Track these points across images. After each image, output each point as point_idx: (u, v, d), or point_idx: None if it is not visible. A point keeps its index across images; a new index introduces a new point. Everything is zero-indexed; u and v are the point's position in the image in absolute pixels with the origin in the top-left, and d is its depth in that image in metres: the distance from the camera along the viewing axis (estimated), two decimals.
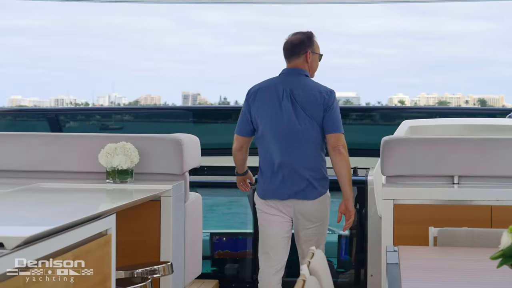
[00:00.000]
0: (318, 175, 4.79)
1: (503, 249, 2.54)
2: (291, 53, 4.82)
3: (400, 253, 3.71)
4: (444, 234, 4.06)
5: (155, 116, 9.61)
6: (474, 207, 4.84)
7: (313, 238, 4.85)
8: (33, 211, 3.97)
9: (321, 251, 3.37)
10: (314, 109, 4.71)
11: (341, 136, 4.74)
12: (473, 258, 3.66)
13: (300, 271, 2.87)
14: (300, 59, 4.82)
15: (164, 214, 4.94)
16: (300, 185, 4.77)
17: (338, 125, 4.73)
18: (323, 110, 4.71)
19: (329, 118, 4.71)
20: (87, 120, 9.08)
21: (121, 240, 4.61)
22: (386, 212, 4.88)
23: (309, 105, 4.71)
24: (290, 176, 4.76)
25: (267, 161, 4.84)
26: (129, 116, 9.52)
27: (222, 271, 6.74)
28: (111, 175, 5.04)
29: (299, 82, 4.78)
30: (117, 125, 9.32)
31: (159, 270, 4.43)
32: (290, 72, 4.83)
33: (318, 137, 4.75)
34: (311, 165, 4.77)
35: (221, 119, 8.91)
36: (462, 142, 5.14)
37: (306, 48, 4.81)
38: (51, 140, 5.44)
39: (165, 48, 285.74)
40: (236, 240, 6.78)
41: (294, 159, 4.75)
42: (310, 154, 4.76)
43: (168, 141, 5.24)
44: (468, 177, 5.11)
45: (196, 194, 5.71)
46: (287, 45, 4.85)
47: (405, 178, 5.14)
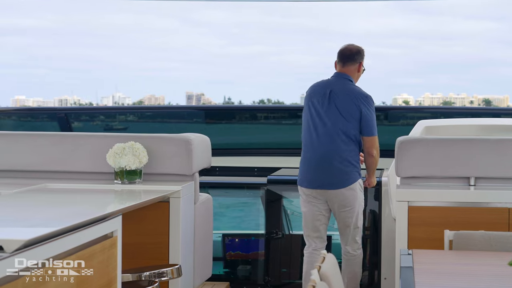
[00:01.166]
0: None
1: None
2: (349, 58, 5.42)
3: (414, 257, 3.61)
4: (459, 238, 3.95)
5: (167, 115, 9.52)
6: (491, 209, 4.75)
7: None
8: (37, 212, 3.89)
9: (333, 255, 3.27)
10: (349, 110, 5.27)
11: (374, 139, 5.31)
12: (490, 263, 3.55)
13: (310, 276, 2.78)
14: (354, 66, 5.43)
15: (173, 215, 4.86)
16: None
17: (371, 128, 5.30)
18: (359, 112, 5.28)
19: (363, 122, 5.28)
20: (92, 121, 8.99)
21: (129, 242, 4.56)
22: (401, 214, 4.79)
23: (345, 106, 5.27)
24: None
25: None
26: (137, 116, 9.44)
27: (234, 272, 6.66)
28: (119, 176, 4.95)
29: (344, 85, 5.35)
30: (122, 125, 9.24)
31: (167, 273, 4.34)
32: (339, 75, 5.42)
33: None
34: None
35: (233, 119, 8.83)
36: (479, 142, 5.03)
37: (361, 59, 5.45)
38: (58, 139, 5.36)
39: (169, 48, 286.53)
40: (248, 242, 6.69)
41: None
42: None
43: (177, 141, 5.15)
44: (485, 178, 5.01)
45: (206, 195, 5.62)
46: (346, 51, 5.44)
47: (420, 179, 5.05)
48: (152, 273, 4.28)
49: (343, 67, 5.42)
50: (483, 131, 6.25)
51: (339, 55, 5.45)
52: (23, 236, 2.80)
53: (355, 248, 5.38)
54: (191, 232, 5.13)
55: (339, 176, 5.24)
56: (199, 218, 5.28)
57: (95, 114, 9.22)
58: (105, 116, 9.17)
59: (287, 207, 6.73)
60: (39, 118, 8.92)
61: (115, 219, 3.66)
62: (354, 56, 5.42)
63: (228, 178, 7.19)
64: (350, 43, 5.53)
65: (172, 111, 9.60)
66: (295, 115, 8.99)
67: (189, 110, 10.63)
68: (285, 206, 6.68)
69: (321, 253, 3.16)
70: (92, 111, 9.93)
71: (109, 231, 3.61)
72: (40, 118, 8.91)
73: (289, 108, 10.04)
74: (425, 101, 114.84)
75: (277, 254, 6.35)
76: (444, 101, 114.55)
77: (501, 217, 4.71)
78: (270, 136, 8.94)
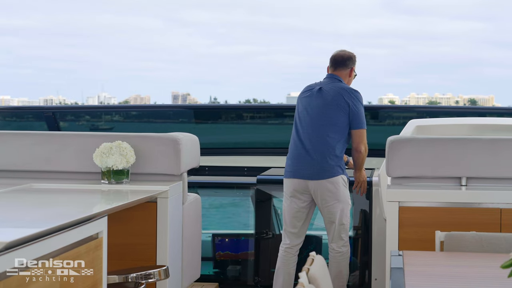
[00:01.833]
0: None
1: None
2: (340, 63, 5.55)
3: (405, 258, 3.56)
4: (451, 239, 3.89)
5: (154, 115, 9.43)
6: (483, 210, 4.70)
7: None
8: (21, 213, 3.82)
9: (321, 257, 3.21)
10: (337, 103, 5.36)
11: (362, 132, 5.39)
12: (482, 265, 3.50)
13: (299, 279, 2.72)
14: (346, 71, 5.55)
15: (160, 216, 4.79)
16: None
17: (359, 121, 5.37)
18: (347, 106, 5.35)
19: (351, 115, 5.35)
20: (77, 121, 8.89)
21: (116, 243, 4.50)
22: (391, 214, 4.75)
23: (333, 99, 5.36)
24: None
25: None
26: (122, 116, 9.34)
27: (223, 273, 6.60)
28: (106, 176, 4.88)
29: (333, 83, 5.47)
30: (108, 125, 9.14)
31: (154, 274, 4.27)
32: (330, 76, 5.54)
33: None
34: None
35: (219, 119, 8.77)
36: (471, 142, 4.98)
37: (352, 64, 5.59)
38: (45, 139, 5.29)
39: (155, 48, 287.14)
40: (238, 242, 6.63)
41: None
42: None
43: (165, 140, 5.08)
44: (477, 178, 4.97)
45: (195, 195, 5.55)
46: (338, 57, 5.57)
47: (411, 179, 5.01)
48: (139, 274, 4.21)
49: (334, 71, 5.55)
50: (474, 130, 6.22)
51: (331, 60, 5.58)
52: (5, 238, 2.74)
53: (340, 245, 5.38)
54: (179, 232, 5.06)
55: (322, 167, 5.29)
56: (188, 219, 5.21)
57: (82, 113, 9.12)
58: (91, 116, 9.07)
59: (277, 207, 6.68)
60: (24, 118, 8.83)
61: (100, 220, 3.60)
62: (346, 61, 5.54)
63: (218, 178, 7.13)
64: (342, 49, 5.68)
65: (161, 110, 9.51)
66: (281, 115, 8.95)
67: (177, 109, 10.56)
68: (276, 206, 6.62)
69: (309, 255, 3.09)
70: (80, 110, 9.85)
71: (94, 232, 3.54)
72: (26, 117, 8.82)
73: (276, 107, 9.98)
74: (410, 101, 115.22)
75: (267, 254, 6.29)
76: (430, 101, 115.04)
77: (493, 218, 4.67)
78: (259, 135, 8.89)
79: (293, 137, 5.48)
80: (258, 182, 6.25)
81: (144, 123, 9.36)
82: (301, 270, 2.83)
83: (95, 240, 3.55)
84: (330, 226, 5.38)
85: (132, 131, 5.29)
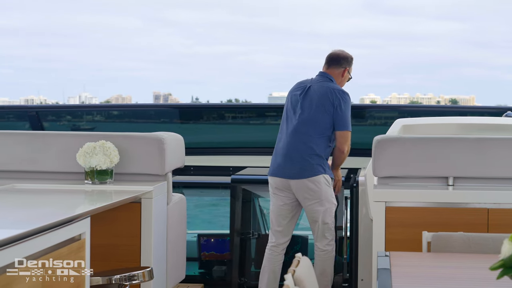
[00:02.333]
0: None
1: (503, 259, 2.35)
2: (334, 61, 5.52)
3: (391, 260, 3.51)
4: (438, 239, 3.85)
5: (135, 115, 9.36)
6: (470, 210, 4.67)
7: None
8: (2, 214, 3.77)
9: (307, 258, 3.16)
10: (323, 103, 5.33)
11: (347, 134, 5.35)
12: (469, 266, 3.46)
13: (284, 281, 2.67)
14: (339, 70, 5.52)
15: (145, 216, 4.73)
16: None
17: (344, 123, 5.33)
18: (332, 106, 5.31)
19: (336, 115, 5.31)
20: (58, 121, 8.80)
21: (99, 244, 4.45)
22: (378, 215, 4.71)
23: (319, 99, 5.33)
24: None
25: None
26: (104, 116, 9.26)
27: (209, 273, 6.54)
28: (89, 176, 4.82)
29: (323, 82, 5.42)
30: (89, 125, 9.06)
31: (138, 276, 4.23)
32: (321, 74, 5.50)
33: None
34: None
35: (201, 119, 8.72)
36: (458, 142, 4.94)
37: (347, 65, 5.54)
38: (27, 138, 5.22)
39: (136, 48, 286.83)
40: (224, 242, 6.58)
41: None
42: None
43: (149, 140, 5.02)
44: (464, 178, 4.93)
45: (180, 195, 5.49)
46: (333, 55, 5.54)
47: (397, 179, 4.97)
48: (123, 276, 4.17)
49: (327, 69, 5.53)
50: (461, 129, 6.19)
51: (326, 58, 5.57)
52: None
53: (324, 244, 5.38)
54: (164, 233, 5.01)
55: (302, 166, 5.29)
56: (172, 219, 5.15)
57: (64, 113, 9.03)
58: (73, 116, 8.98)
59: (263, 206, 6.64)
60: (5, 118, 8.73)
61: (83, 221, 3.55)
62: (340, 60, 5.52)
63: (202, 178, 7.07)
64: (341, 49, 5.68)
65: (145, 110, 9.44)
66: (263, 114, 8.93)
67: (163, 108, 10.48)
68: (262, 206, 6.58)
69: (295, 256, 3.04)
70: (65, 109, 9.76)
71: (76, 234, 3.50)
72: (7, 117, 8.72)
73: (256, 107, 9.95)
74: (392, 101, 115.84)
75: (252, 254, 6.25)
76: (411, 101, 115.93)
77: (480, 218, 4.64)
78: (243, 135, 8.85)
79: (278, 135, 5.49)
80: (235, 182, 6.19)
81: (126, 123, 9.29)
82: (286, 272, 2.79)
83: (78, 241, 3.51)
84: (314, 225, 5.39)
85: (114, 131, 5.23)
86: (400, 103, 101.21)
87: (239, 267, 6.20)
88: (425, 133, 6.07)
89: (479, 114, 8.26)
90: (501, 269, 2.35)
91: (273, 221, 5.46)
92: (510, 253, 2.33)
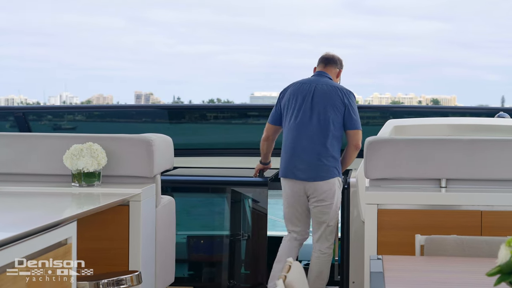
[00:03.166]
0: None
1: (500, 265, 2.28)
2: (331, 61, 5.64)
3: (384, 263, 3.46)
4: (431, 243, 3.79)
5: (117, 115, 9.27)
6: (463, 212, 4.62)
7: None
8: None
9: (299, 263, 3.09)
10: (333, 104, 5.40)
11: (359, 132, 5.45)
12: (463, 270, 3.41)
13: (275, 286, 2.62)
14: (335, 70, 5.65)
15: (133, 219, 4.64)
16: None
17: (356, 122, 5.43)
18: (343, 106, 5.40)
19: (349, 115, 5.40)
20: (39, 120, 8.68)
21: (87, 248, 4.37)
22: (369, 217, 4.65)
23: (330, 100, 5.40)
24: None
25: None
26: (85, 116, 9.17)
27: (198, 275, 6.47)
28: (76, 178, 4.74)
29: (327, 81, 5.51)
30: (70, 125, 8.95)
31: (126, 280, 4.14)
32: (321, 73, 5.59)
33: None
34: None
35: (183, 118, 8.66)
36: (450, 143, 4.89)
37: (341, 67, 5.70)
38: (12, 140, 5.12)
39: (117, 47, 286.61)
40: (213, 243, 6.51)
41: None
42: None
43: (137, 142, 4.94)
44: (457, 180, 4.88)
45: (169, 197, 5.41)
46: (329, 55, 5.66)
47: (389, 181, 4.91)
48: (110, 280, 4.09)
49: (325, 67, 5.62)
50: (454, 130, 6.14)
51: (321, 59, 5.66)
52: None
53: (325, 247, 5.42)
54: (152, 236, 4.93)
55: (318, 168, 5.34)
56: (161, 222, 5.07)
57: (48, 113, 8.92)
58: (53, 115, 8.86)
59: (253, 207, 6.57)
60: None
61: (69, 225, 3.48)
62: (336, 61, 5.65)
63: (191, 179, 6.98)
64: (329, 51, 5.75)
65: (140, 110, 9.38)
66: (244, 115, 8.89)
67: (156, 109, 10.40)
68: (251, 207, 6.51)
69: (287, 261, 2.98)
70: (53, 110, 9.64)
71: (62, 238, 3.43)
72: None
73: (238, 108, 9.92)
74: (373, 101, 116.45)
75: (242, 256, 6.19)
76: (393, 101, 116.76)
77: (473, 220, 4.59)
78: (229, 136, 8.79)
79: (287, 136, 5.47)
80: (224, 183, 6.17)
81: (107, 123, 9.18)
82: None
83: (64, 246, 3.44)
84: (319, 226, 5.43)
85: (95, 130, 5.15)
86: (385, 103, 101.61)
87: (228, 268, 6.14)
88: (417, 134, 6.03)
89: (470, 115, 8.21)
90: (498, 275, 2.29)
91: (288, 223, 5.54)
92: (507, 259, 2.27)
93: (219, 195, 6.52)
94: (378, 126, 6.43)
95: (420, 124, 6.36)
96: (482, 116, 7.64)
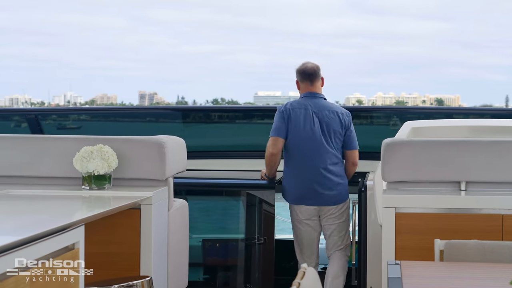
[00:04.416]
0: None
1: None
2: (315, 75, 5.64)
3: (402, 269, 3.35)
4: (451, 247, 3.68)
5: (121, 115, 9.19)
6: (484, 216, 4.52)
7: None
8: None
9: (313, 270, 2.99)
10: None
11: (357, 152, 5.67)
12: (485, 276, 3.30)
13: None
14: (319, 82, 5.67)
15: (144, 223, 4.55)
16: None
17: (355, 142, 5.66)
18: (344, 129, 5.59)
19: (349, 137, 5.61)
20: (44, 120, 8.61)
21: (97, 252, 4.31)
22: (387, 221, 4.55)
23: (332, 122, 5.56)
24: None
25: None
26: (89, 115, 9.09)
27: (213, 279, 6.39)
28: (87, 181, 4.66)
29: (324, 103, 5.62)
30: (75, 125, 8.86)
31: (137, 285, 4.08)
32: (313, 95, 5.64)
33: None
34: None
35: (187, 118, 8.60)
36: (470, 145, 4.78)
37: (321, 74, 5.70)
38: (23, 142, 5.04)
39: (120, 47, 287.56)
40: (229, 247, 6.43)
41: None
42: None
43: (149, 144, 4.84)
44: (477, 183, 4.79)
45: (181, 200, 5.32)
46: (310, 70, 5.64)
47: (407, 184, 4.83)
48: (121, 286, 4.03)
49: (312, 85, 5.65)
50: (473, 132, 6.03)
51: (303, 74, 5.66)
52: None
53: (342, 250, 5.73)
54: (165, 240, 4.83)
55: (335, 193, 5.58)
56: (174, 226, 4.98)
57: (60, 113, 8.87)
58: (58, 115, 8.78)
59: (268, 211, 6.47)
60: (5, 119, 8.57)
61: (76, 229, 3.38)
62: (318, 72, 5.67)
63: (205, 182, 6.89)
64: (305, 61, 5.74)
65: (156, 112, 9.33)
66: (250, 115, 8.82)
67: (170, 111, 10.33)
68: (267, 210, 6.41)
69: (301, 267, 2.88)
70: (67, 112, 9.59)
71: (69, 243, 3.34)
72: (6, 119, 8.56)
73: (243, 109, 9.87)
74: (377, 100, 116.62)
75: (257, 260, 6.09)
76: (397, 101, 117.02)
77: (494, 224, 4.48)
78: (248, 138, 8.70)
79: (294, 161, 5.58)
80: (239, 186, 6.10)
81: (112, 122, 9.10)
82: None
83: (72, 251, 3.34)
84: (335, 239, 5.73)
85: (100, 130, 5.10)
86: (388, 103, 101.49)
87: (244, 272, 6.06)
88: (435, 136, 5.93)
89: (490, 116, 8.09)
90: None
91: (304, 247, 5.70)
92: None
93: (234, 198, 6.44)
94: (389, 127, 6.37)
95: (438, 126, 6.27)
96: (501, 118, 7.52)
